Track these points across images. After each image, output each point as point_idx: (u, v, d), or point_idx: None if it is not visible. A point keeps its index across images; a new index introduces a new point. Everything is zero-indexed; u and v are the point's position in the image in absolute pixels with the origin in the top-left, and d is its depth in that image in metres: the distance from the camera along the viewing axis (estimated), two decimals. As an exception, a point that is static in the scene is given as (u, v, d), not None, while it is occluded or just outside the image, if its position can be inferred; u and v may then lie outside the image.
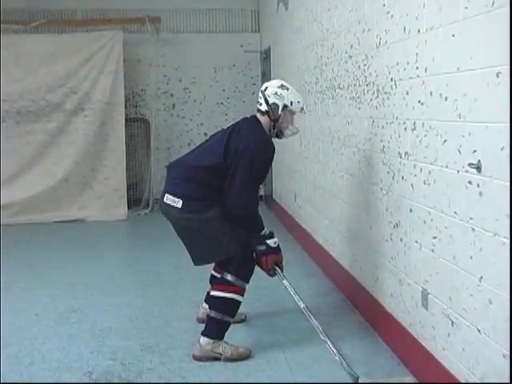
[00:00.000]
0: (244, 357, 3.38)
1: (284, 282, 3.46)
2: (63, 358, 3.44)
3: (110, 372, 3.25)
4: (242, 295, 3.44)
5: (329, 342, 3.21)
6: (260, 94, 3.56)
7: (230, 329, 3.48)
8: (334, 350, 3.16)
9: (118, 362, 3.37)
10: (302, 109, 3.56)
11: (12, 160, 7.64)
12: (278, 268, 3.46)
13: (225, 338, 3.42)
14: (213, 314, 3.39)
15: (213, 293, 3.47)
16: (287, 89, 3.49)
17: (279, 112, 3.45)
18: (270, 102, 3.46)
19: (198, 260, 3.54)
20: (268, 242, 3.38)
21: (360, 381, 2.99)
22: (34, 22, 8.01)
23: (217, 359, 3.35)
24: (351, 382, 3.01)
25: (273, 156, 3.44)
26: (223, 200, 3.36)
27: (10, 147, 7.64)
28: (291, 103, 3.46)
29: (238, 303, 3.45)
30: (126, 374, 3.23)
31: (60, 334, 3.81)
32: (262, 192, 3.50)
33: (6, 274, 5.14)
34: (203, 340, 3.38)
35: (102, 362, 3.38)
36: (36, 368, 3.32)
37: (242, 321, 3.88)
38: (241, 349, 3.41)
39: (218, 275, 3.60)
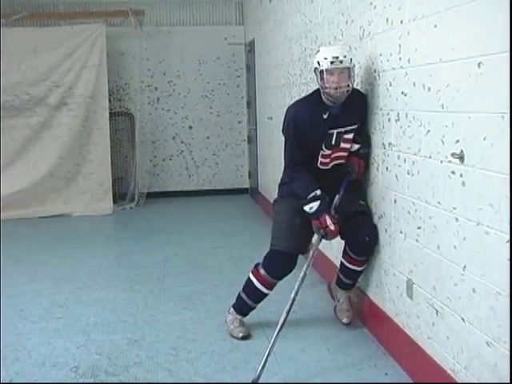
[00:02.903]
0: (232, 335, 3.56)
1: (310, 252, 3.42)
2: (49, 354, 3.42)
3: (97, 366, 3.24)
4: (268, 288, 3.51)
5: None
6: None
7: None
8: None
9: (104, 357, 3.36)
10: (333, 62, 3.20)
11: (-5, 155, 7.58)
12: (321, 234, 3.37)
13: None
14: (241, 291, 3.60)
15: (250, 273, 3.58)
16: (319, 51, 3.36)
17: (318, 77, 3.29)
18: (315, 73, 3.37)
19: None
20: (305, 207, 3.34)
21: None
22: (15, 16, 7.90)
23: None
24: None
25: (296, 125, 3.39)
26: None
27: (-7, 142, 7.57)
28: (318, 63, 3.26)
29: (262, 293, 3.54)
30: (113, 368, 3.22)
31: (46, 330, 3.79)
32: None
33: (-9, 270, 5.11)
34: (233, 304, 3.66)
35: (88, 357, 3.36)
36: (22, 364, 3.30)
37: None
38: (237, 329, 3.55)
39: (345, 262, 3.64)
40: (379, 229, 3.40)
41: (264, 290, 3.51)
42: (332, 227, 3.31)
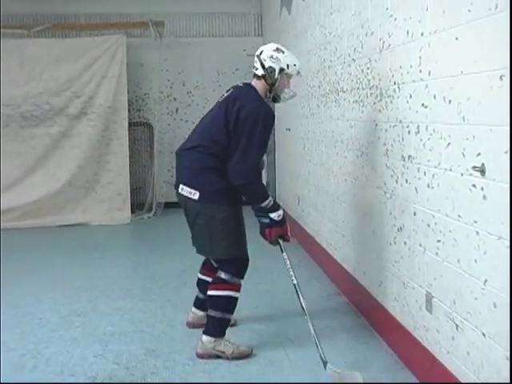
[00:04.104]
0: (245, 355, 3.42)
1: (283, 254, 3.48)
2: (67, 362, 3.43)
3: (114, 376, 3.25)
4: (239, 291, 3.48)
5: (310, 324, 3.28)
6: (255, 59, 3.51)
7: (232, 332, 3.53)
8: (313, 333, 3.24)
9: (121, 366, 3.36)
10: (299, 72, 3.52)
11: (16, 164, 7.67)
12: (280, 241, 3.47)
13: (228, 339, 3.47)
14: (212, 313, 3.44)
15: (210, 292, 3.47)
16: (283, 52, 3.47)
17: (276, 76, 3.42)
18: (266, 66, 3.43)
19: (198, 249, 3.59)
20: (271, 215, 3.38)
21: (327, 367, 3.08)
22: (37, 27, 8.03)
23: (219, 357, 3.39)
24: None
25: (273, 122, 3.43)
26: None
27: (14, 151, 7.67)
28: (287, 66, 3.42)
29: (235, 299, 3.48)
30: (130, 378, 3.23)
31: (64, 338, 3.80)
32: (264, 179, 3.53)
33: (10, 278, 5.15)
34: (205, 338, 3.43)
35: (105, 366, 3.37)
36: (39, 372, 3.32)
37: (232, 325, 3.76)
38: (242, 347, 3.45)
39: (207, 278, 3.67)
40: (398, 241, 3.38)
41: (237, 294, 3.48)
42: (289, 234, 3.48)
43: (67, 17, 8.49)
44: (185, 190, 3.42)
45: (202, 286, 3.73)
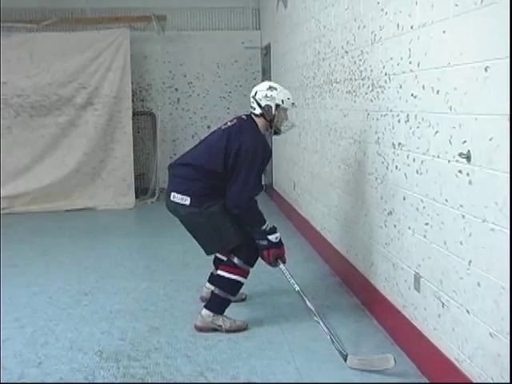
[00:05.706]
0: (241, 329, 3.50)
1: (281, 266, 3.52)
2: (75, 338, 3.46)
3: (120, 351, 3.27)
4: (246, 277, 3.56)
5: (321, 323, 3.26)
6: (252, 99, 3.56)
7: (232, 311, 3.55)
8: (326, 330, 3.22)
9: (126, 342, 3.39)
10: (293, 103, 3.66)
11: (26, 152, 7.64)
12: (280, 261, 3.52)
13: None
14: (217, 291, 3.52)
15: (220, 272, 3.55)
16: (275, 89, 3.53)
17: (273, 112, 3.50)
18: (263, 105, 3.49)
19: (209, 250, 3.64)
20: (269, 237, 3.44)
21: (349, 358, 3.04)
22: (46, 21, 7.96)
23: (216, 330, 3.48)
24: (342, 359, 3.05)
25: (270, 156, 3.56)
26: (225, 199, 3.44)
27: (24, 139, 7.64)
28: (282, 101, 3.51)
29: (241, 284, 3.57)
30: (135, 353, 3.25)
31: (72, 316, 3.82)
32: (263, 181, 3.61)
33: (22, 260, 5.17)
34: (205, 312, 3.52)
35: (111, 342, 3.39)
36: (50, 347, 3.34)
37: (243, 300, 3.95)
38: (238, 322, 3.53)
39: (224, 258, 3.68)
40: (388, 224, 3.39)
41: (244, 280, 3.55)
42: (285, 256, 3.54)
43: (74, 11, 8.42)
44: (176, 197, 3.46)
45: (217, 263, 3.78)
